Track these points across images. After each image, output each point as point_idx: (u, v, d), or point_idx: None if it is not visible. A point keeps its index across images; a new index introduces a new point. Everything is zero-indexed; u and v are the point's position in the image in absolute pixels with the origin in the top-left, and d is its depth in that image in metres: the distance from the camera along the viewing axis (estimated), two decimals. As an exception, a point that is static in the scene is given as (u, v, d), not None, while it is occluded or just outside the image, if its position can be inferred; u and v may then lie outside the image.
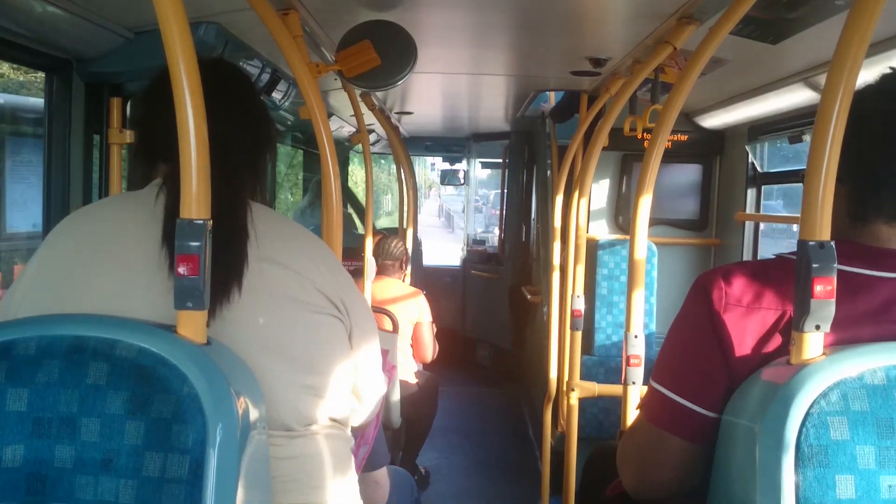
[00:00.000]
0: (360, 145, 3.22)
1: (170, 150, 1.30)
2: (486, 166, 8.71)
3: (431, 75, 3.66)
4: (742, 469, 1.08)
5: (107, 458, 1.03)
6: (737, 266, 1.29)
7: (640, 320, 2.11)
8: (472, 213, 9.29)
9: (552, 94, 4.34)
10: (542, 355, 4.25)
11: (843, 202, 1.26)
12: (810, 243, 1.05)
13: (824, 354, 1.07)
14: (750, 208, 3.85)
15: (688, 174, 4.33)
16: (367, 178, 3.58)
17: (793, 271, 1.08)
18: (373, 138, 6.49)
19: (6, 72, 5.11)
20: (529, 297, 5.47)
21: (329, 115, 4.82)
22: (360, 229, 6.29)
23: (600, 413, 3.96)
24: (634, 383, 2.11)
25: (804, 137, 3.13)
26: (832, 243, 1.06)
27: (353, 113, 3.17)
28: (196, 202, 1.08)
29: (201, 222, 1.08)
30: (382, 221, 13.75)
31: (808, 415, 1.00)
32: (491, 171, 8.98)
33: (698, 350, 1.25)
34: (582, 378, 3.24)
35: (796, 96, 2.80)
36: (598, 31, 2.58)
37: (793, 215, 3.64)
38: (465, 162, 8.59)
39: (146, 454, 1.02)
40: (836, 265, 1.05)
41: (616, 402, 2.75)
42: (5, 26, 1.92)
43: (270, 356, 1.30)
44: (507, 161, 7.11)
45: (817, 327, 1.06)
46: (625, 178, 4.39)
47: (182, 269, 1.07)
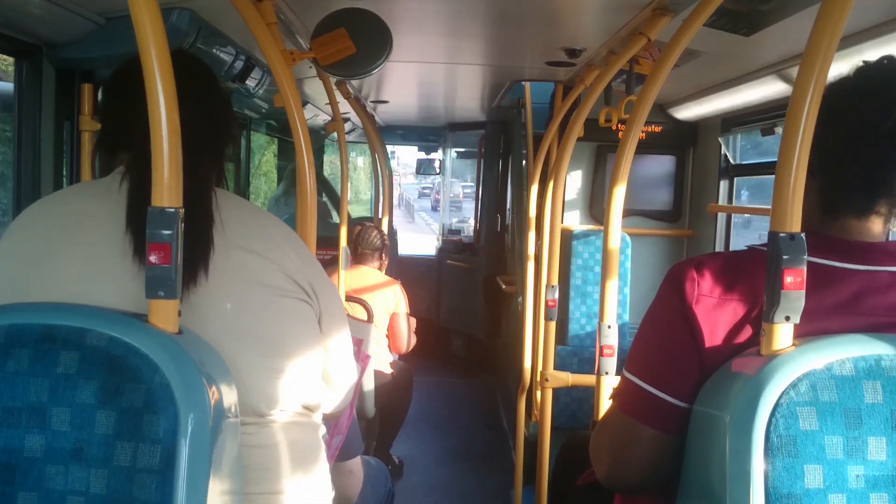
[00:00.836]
0: (335, 134, 3.20)
1: (132, 139, 1.29)
2: (461, 156, 8.70)
3: (407, 64, 3.65)
4: (712, 458, 1.09)
5: (77, 448, 1.02)
6: (709, 257, 1.30)
7: (613, 311, 2.12)
8: (448, 202, 9.28)
9: (527, 84, 4.34)
10: (517, 345, 4.26)
11: (814, 195, 1.27)
12: (781, 235, 1.06)
13: (794, 345, 1.08)
14: (722, 200, 3.88)
15: (661, 165, 4.35)
16: (343, 167, 3.56)
17: (764, 263, 1.09)
18: (348, 127, 6.46)
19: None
20: (504, 287, 5.49)
21: (304, 104, 4.79)
22: (336, 218, 6.27)
23: (574, 403, 3.98)
24: (608, 373, 2.12)
25: (776, 129, 3.16)
26: (802, 235, 1.07)
27: (328, 101, 3.15)
28: (168, 190, 1.07)
29: (173, 210, 1.07)
30: (353, 209, 13.69)
31: (777, 405, 1.01)
32: (465, 160, 8.98)
33: (670, 341, 1.26)
34: (556, 368, 3.25)
35: (769, 88, 2.83)
36: (574, 22, 2.58)
37: (765, 207, 3.67)
38: (440, 151, 8.58)
39: (117, 444, 1.01)
40: (806, 257, 1.06)
41: (589, 393, 2.77)
42: (-28, 10, 1.89)
43: (239, 341, 1.30)
44: (483, 151, 7.11)
45: (787, 318, 1.07)
46: (599, 169, 4.41)
47: (153, 258, 1.06)
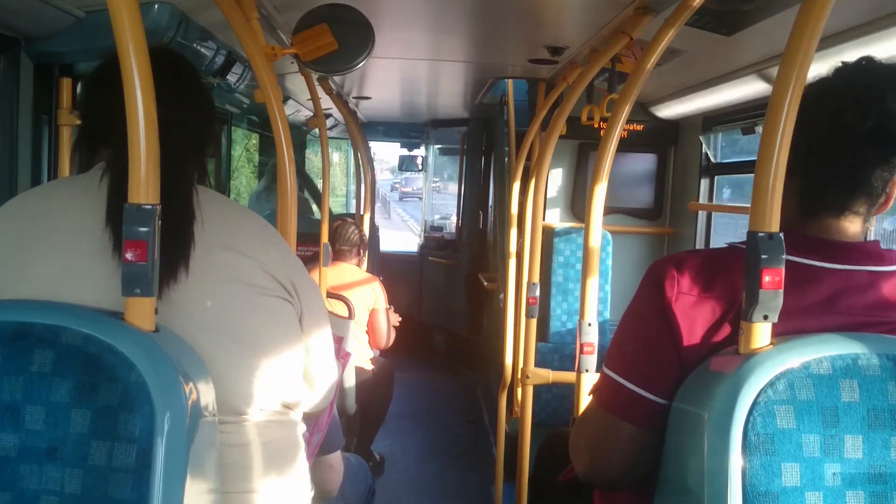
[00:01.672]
0: (317, 129, 3.19)
1: (112, 134, 1.28)
2: (444, 153, 8.70)
3: (389, 60, 3.64)
4: (690, 456, 1.10)
5: (52, 447, 1.01)
6: (689, 255, 1.30)
7: (594, 308, 2.13)
8: (430, 199, 9.27)
9: (510, 82, 4.34)
10: (498, 342, 4.27)
11: (793, 195, 1.28)
12: (759, 234, 1.07)
13: (772, 344, 1.09)
14: (703, 198, 3.90)
15: (643, 163, 4.37)
16: (324, 163, 3.55)
17: (742, 261, 1.10)
18: (330, 123, 6.44)
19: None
20: (486, 284, 5.49)
21: (285, 99, 4.77)
22: (317, 214, 6.24)
23: (555, 400, 3.99)
24: (588, 371, 2.12)
25: (757, 129, 3.18)
26: (781, 235, 1.07)
27: (309, 97, 3.13)
28: (144, 186, 1.06)
29: (150, 207, 1.06)
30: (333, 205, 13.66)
31: (755, 403, 1.02)
32: (447, 157, 8.98)
33: (650, 338, 1.27)
34: (537, 365, 3.26)
35: (750, 88, 2.84)
36: (556, 20, 2.59)
37: (745, 206, 3.70)
38: (423, 148, 8.57)
39: (92, 443, 1.00)
40: (784, 256, 1.07)
41: (570, 389, 2.78)
42: (-54, 2, 1.86)
43: (218, 339, 1.29)
44: (465, 148, 7.11)
45: (765, 317, 1.07)
46: (582, 167, 4.42)
47: (129, 255, 1.05)
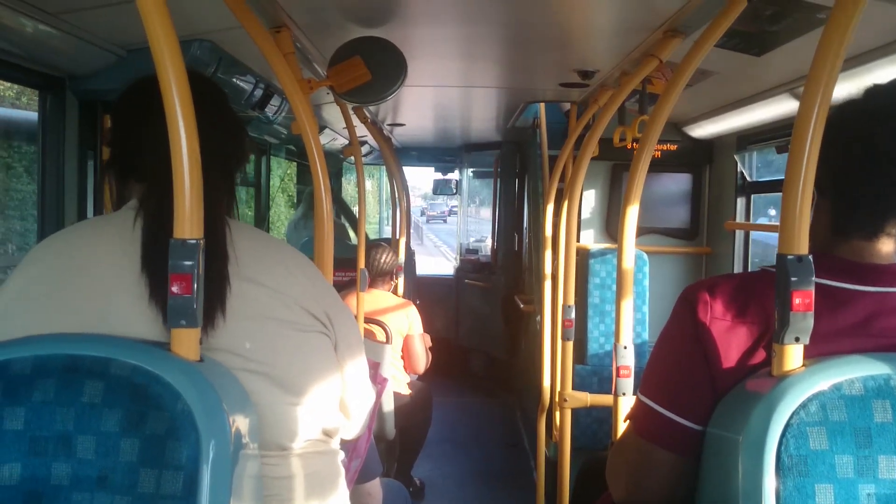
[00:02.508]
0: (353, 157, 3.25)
1: (144, 168, 1.28)
2: (477, 176, 8.74)
3: (423, 88, 3.69)
4: (725, 479, 1.10)
5: (102, 475, 1.04)
6: (721, 279, 1.31)
7: (629, 331, 2.13)
8: (465, 222, 9.30)
9: (542, 105, 4.37)
10: (536, 364, 4.27)
11: (825, 216, 1.28)
12: (789, 257, 1.07)
13: (804, 366, 1.09)
14: (740, 217, 3.88)
15: (678, 183, 4.36)
16: (360, 190, 3.60)
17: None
18: (365, 150, 6.51)
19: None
20: (522, 306, 5.49)
21: (322, 128, 4.85)
22: (354, 240, 6.30)
23: (594, 423, 3.97)
24: (625, 394, 2.12)
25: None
26: (810, 257, 1.08)
27: (345, 125, 3.19)
28: (189, 222, 1.09)
29: (194, 242, 1.09)
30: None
31: (788, 425, 1.02)
32: (480, 180, 9.01)
33: (684, 363, 1.27)
34: (576, 388, 3.25)
35: (782, 107, 2.84)
36: (586, 45, 2.61)
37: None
38: (457, 172, 8.62)
39: (141, 471, 1.04)
40: (813, 278, 1.07)
41: (610, 413, 2.79)
42: (-3, 45, 1.95)
43: (258, 379, 1.29)
44: (499, 171, 7.14)
45: (797, 339, 1.08)
46: (615, 188, 4.42)
47: (175, 288, 1.08)
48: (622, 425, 2.12)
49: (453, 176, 8.74)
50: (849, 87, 1.31)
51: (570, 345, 3.15)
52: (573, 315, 3.14)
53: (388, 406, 3.72)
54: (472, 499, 4.71)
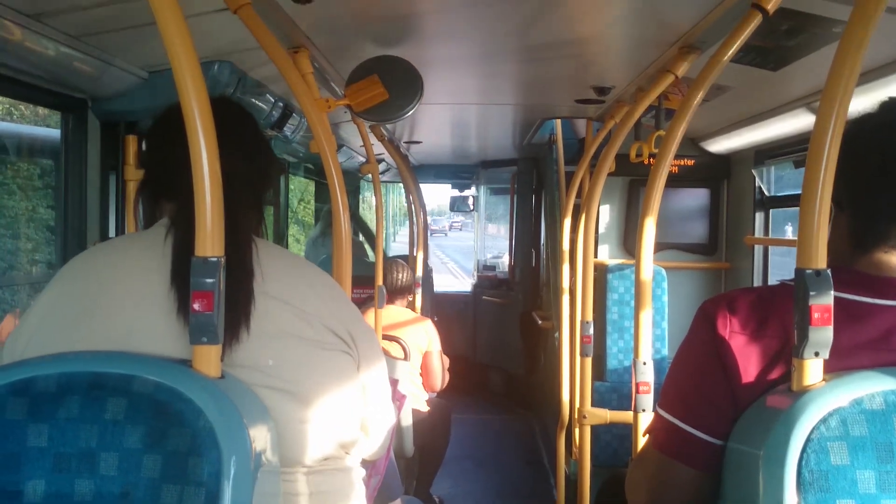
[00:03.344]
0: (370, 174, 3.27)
1: (175, 188, 1.31)
2: (495, 192, 8.75)
3: (439, 106, 3.72)
4: (746, 495, 1.09)
5: (125, 492, 1.05)
6: (741, 293, 1.30)
7: (648, 346, 2.12)
8: (482, 238, 9.32)
9: (558, 121, 4.39)
10: (555, 381, 4.25)
11: (844, 230, 1.28)
12: (807, 271, 1.07)
13: (824, 381, 1.09)
14: (758, 231, 3.86)
15: (696, 198, 4.35)
16: (378, 208, 3.62)
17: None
18: (383, 167, 6.55)
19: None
20: (540, 322, 5.48)
21: (339, 147, 4.89)
22: (372, 257, 6.33)
23: (615, 440, 3.95)
24: (644, 410, 2.11)
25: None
26: (828, 271, 1.08)
27: (363, 143, 3.22)
28: (210, 240, 1.11)
29: (216, 260, 1.11)
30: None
31: (808, 440, 1.02)
32: (496, 196, 9.03)
33: (703, 378, 1.26)
34: (595, 404, 3.25)
35: (800, 121, 2.83)
36: (602, 61, 2.63)
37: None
38: (473, 188, 8.64)
39: (163, 487, 1.05)
40: (832, 292, 1.07)
41: (630, 429, 2.78)
42: (20, 67, 1.98)
43: (280, 396, 1.30)
44: (516, 187, 7.16)
45: (816, 354, 1.07)
46: (632, 203, 4.42)
47: (197, 306, 1.10)
48: (642, 442, 2.10)
49: (470, 192, 8.77)
50: (865, 101, 1.31)
51: (589, 361, 3.15)
52: (591, 331, 3.14)
53: (407, 422, 3.72)
54: None
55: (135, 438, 1.06)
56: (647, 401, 2.11)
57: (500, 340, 7.22)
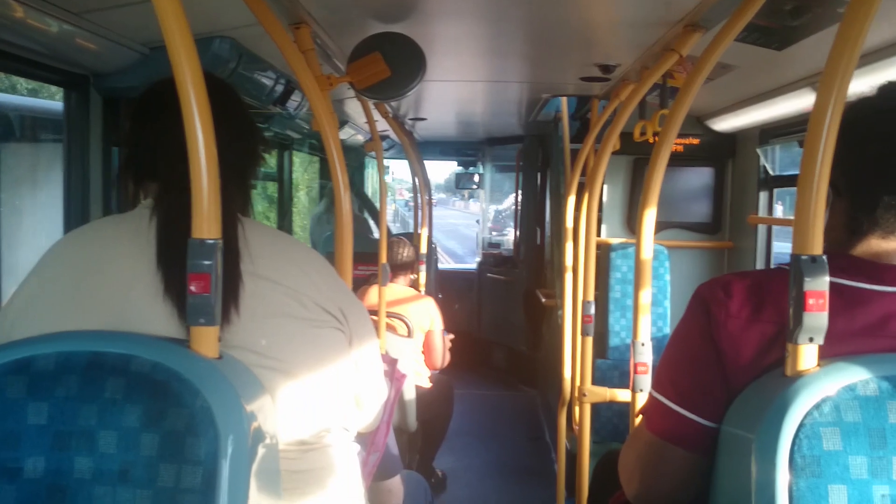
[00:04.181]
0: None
1: (158, 167, 1.30)
2: (500, 169, 8.72)
3: (444, 83, 3.70)
4: (739, 479, 1.10)
5: (123, 470, 1.07)
6: (736, 277, 1.30)
7: (647, 327, 2.12)
8: (486, 215, 9.30)
9: (564, 98, 4.36)
10: (557, 358, 4.27)
11: (841, 215, 1.27)
12: (802, 257, 1.07)
13: (818, 366, 1.09)
14: (762, 211, 3.85)
15: (700, 177, 4.34)
16: (381, 185, 3.62)
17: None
18: (387, 144, 6.53)
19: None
20: (544, 300, 5.49)
21: (343, 123, 4.87)
22: (376, 233, 6.33)
23: (615, 417, 3.97)
24: (642, 390, 2.12)
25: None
26: (824, 257, 1.08)
27: (367, 120, 3.21)
28: (207, 222, 1.11)
29: (213, 242, 1.11)
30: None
31: (801, 426, 1.02)
32: (503, 174, 9.00)
33: (698, 361, 1.27)
34: (596, 382, 3.25)
35: (804, 100, 2.81)
36: (607, 39, 2.61)
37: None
38: (479, 165, 8.62)
39: (161, 465, 1.06)
40: (827, 278, 1.07)
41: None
42: (22, 44, 1.97)
43: (275, 375, 1.31)
44: (521, 164, 7.14)
45: (811, 339, 1.07)
46: (637, 182, 4.41)
47: (194, 287, 1.10)
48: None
49: (475, 169, 8.74)
50: (864, 83, 1.30)
51: (590, 340, 3.15)
52: (592, 311, 3.14)
53: (410, 396, 3.74)
54: (493, 490, 4.73)
55: (133, 417, 1.07)
56: (644, 381, 2.11)
57: (503, 317, 7.24)
